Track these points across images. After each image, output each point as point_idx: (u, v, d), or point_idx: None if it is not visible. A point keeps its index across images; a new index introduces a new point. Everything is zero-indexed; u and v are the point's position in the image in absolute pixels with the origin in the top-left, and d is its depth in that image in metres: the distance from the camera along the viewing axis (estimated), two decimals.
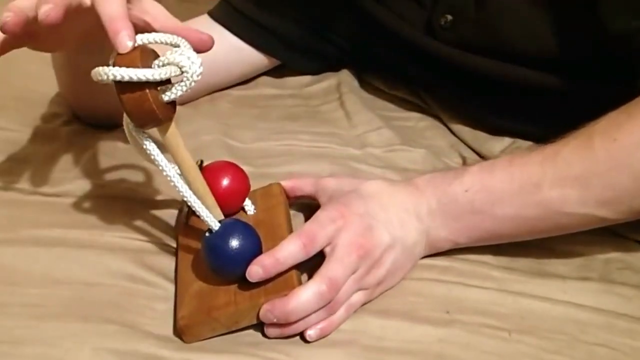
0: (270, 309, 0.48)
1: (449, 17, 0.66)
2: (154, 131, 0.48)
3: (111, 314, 0.50)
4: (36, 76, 0.79)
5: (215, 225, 0.50)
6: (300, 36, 0.77)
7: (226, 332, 0.50)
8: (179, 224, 0.58)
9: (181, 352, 0.48)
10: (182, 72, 0.46)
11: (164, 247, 0.57)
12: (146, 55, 0.45)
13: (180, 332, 0.49)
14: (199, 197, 0.50)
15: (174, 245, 0.57)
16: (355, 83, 0.82)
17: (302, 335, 0.49)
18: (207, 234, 0.51)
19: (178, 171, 0.50)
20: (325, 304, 0.49)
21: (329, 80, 0.82)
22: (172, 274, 0.55)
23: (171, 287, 0.54)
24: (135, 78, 0.44)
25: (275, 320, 0.48)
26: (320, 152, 0.69)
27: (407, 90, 0.79)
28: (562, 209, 0.51)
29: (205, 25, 0.74)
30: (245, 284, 0.50)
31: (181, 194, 0.49)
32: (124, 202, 0.62)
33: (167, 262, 0.56)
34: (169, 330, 0.50)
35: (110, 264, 0.55)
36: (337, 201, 0.54)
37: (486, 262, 0.56)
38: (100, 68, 0.44)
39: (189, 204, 0.49)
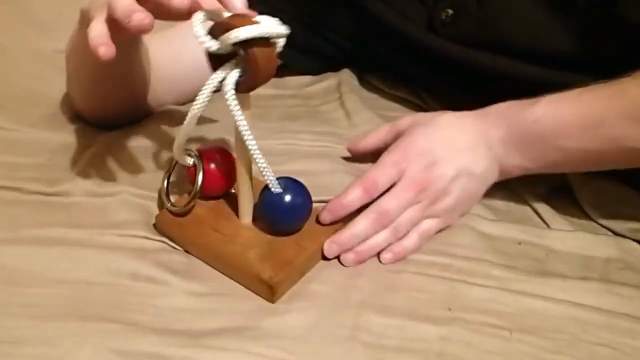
0: (332, 239, 0.55)
1: (450, 11, 0.66)
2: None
3: (112, 313, 0.50)
4: (37, 76, 0.79)
5: (277, 186, 0.54)
6: (301, 36, 0.77)
7: (299, 279, 0.54)
8: (168, 218, 0.58)
9: (183, 349, 0.48)
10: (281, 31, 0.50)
11: (164, 245, 0.57)
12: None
13: (273, 292, 0.52)
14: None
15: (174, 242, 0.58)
16: (356, 83, 0.82)
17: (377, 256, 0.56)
18: (267, 195, 0.55)
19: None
20: (380, 227, 0.55)
21: (329, 80, 0.82)
22: (173, 271, 0.55)
23: (174, 283, 0.54)
24: (273, 33, 0.48)
25: (337, 248, 0.55)
26: (320, 151, 0.69)
27: (407, 90, 0.79)
28: (625, 144, 0.53)
29: None
30: (302, 236, 0.56)
31: (255, 156, 0.52)
32: (124, 201, 0.61)
33: (168, 259, 0.56)
34: (171, 327, 0.50)
35: (110, 263, 0.55)
36: (402, 141, 0.58)
37: (487, 260, 0.57)
38: (234, 30, 0.47)
39: (260, 164, 0.53)
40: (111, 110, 0.70)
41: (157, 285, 0.53)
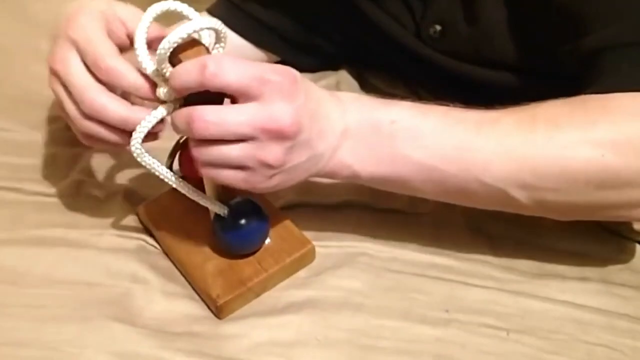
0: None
1: (438, 27, 0.65)
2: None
3: (111, 315, 0.50)
4: (38, 77, 0.78)
5: (224, 211, 0.51)
6: (299, 33, 0.77)
7: (254, 299, 0.52)
8: (149, 210, 0.59)
9: (182, 354, 0.48)
10: (220, 34, 0.46)
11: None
12: (199, 48, 0.46)
13: (219, 311, 0.51)
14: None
15: None
16: (355, 82, 0.82)
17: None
18: (217, 219, 0.52)
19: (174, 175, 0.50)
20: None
21: (327, 80, 0.82)
22: (173, 273, 0.55)
23: (172, 287, 0.54)
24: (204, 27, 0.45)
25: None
26: None
27: (406, 89, 0.79)
28: (480, 176, 0.48)
29: None
30: (264, 254, 0.53)
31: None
32: (124, 201, 0.62)
33: (167, 262, 0.56)
34: (170, 330, 0.50)
35: (110, 264, 0.55)
36: None
37: (486, 261, 0.57)
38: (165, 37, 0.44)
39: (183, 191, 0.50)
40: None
41: (155, 287, 0.53)
